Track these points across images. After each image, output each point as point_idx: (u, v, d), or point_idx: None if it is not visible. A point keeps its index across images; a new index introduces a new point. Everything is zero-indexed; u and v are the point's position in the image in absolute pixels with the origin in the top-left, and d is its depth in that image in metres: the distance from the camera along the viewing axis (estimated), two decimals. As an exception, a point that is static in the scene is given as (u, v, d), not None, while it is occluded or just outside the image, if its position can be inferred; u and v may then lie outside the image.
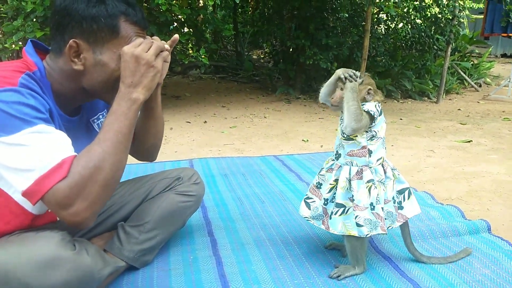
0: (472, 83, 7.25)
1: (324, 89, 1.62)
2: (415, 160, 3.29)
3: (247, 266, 1.62)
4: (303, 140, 3.88)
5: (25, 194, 1.06)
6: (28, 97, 1.08)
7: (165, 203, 1.61)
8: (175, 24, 4.48)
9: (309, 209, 1.61)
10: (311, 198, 1.62)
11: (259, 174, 2.74)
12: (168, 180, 1.68)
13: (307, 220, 1.63)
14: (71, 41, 1.16)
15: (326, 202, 1.58)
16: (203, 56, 4.13)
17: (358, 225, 1.49)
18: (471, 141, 3.92)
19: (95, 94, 1.28)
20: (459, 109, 5.64)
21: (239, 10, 8.73)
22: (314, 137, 4.02)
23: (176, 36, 1.35)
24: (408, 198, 1.62)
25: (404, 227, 1.65)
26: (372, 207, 1.50)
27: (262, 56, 9.65)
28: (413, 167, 3.08)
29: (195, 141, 3.77)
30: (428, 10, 6.55)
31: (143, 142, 1.48)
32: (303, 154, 3.28)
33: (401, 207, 1.60)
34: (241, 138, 3.90)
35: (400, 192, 1.61)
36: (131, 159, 3.27)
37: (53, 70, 1.22)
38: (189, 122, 4.49)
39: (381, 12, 6.55)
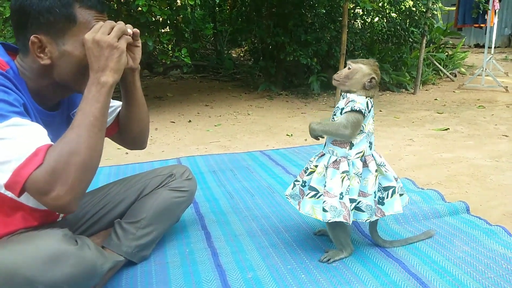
0: (448, 74, 7.45)
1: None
2: (395, 149, 3.40)
3: (242, 255, 1.69)
4: (287, 135, 3.96)
5: (7, 187, 1.06)
6: (0, 93, 1.09)
7: (159, 200, 1.66)
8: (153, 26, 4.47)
9: (292, 188, 1.70)
10: (298, 181, 1.70)
11: (247, 169, 2.80)
12: (161, 177, 1.73)
13: (287, 198, 1.71)
14: (32, 37, 1.16)
15: (304, 184, 1.65)
16: (185, 56, 4.15)
17: (324, 210, 1.54)
18: (448, 129, 4.07)
19: (69, 87, 1.28)
20: (436, 99, 5.82)
21: (217, 9, 8.77)
22: (297, 131, 4.10)
23: (136, 30, 1.31)
24: (392, 196, 1.64)
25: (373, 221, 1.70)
26: (341, 196, 1.54)
27: (242, 54, 9.70)
28: (394, 156, 3.19)
29: (181, 140, 3.81)
30: (403, 3, 6.70)
31: (129, 130, 1.50)
32: (288, 148, 3.36)
33: (382, 203, 1.64)
34: (227, 136, 3.96)
35: (385, 189, 1.65)
36: (120, 160, 3.26)
37: (25, 69, 1.23)
38: (174, 122, 4.52)
39: (357, 8, 6.67)
